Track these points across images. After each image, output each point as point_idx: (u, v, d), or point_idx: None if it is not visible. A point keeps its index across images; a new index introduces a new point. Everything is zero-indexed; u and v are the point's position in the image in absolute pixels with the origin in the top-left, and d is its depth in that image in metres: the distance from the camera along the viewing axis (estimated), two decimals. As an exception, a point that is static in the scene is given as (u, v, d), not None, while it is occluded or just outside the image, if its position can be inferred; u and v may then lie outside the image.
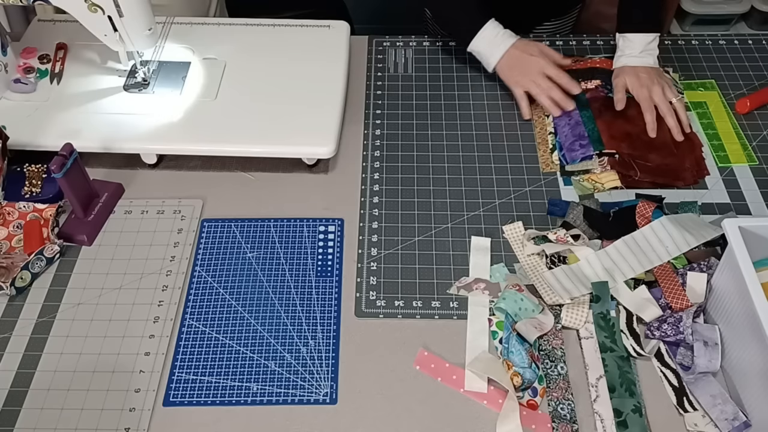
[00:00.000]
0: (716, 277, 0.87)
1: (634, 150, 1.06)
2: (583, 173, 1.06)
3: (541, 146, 1.11)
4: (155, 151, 1.06)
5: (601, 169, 1.06)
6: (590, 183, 1.05)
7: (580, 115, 1.09)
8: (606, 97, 1.13)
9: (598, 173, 1.06)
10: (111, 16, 0.99)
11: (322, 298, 0.93)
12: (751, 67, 1.24)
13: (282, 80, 1.12)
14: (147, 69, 1.12)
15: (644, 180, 1.05)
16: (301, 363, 0.87)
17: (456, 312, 0.92)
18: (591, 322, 0.90)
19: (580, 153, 1.05)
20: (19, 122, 1.05)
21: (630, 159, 1.05)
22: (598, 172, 1.06)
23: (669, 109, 1.09)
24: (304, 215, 1.03)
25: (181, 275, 0.96)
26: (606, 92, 1.13)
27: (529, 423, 0.82)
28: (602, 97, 1.13)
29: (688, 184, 1.05)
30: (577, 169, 1.07)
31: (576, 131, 1.07)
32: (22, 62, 1.14)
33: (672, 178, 1.05)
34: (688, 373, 0.84)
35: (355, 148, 1.12)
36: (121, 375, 0.86)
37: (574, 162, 1.06)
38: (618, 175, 1.05)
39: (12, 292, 0.92)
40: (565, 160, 1.07)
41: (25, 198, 1.02)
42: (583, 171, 1.06)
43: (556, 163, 1.08)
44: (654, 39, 1.14)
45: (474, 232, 1.01)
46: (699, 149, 1.10)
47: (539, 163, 1.09)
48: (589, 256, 0.94)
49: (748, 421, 0.80)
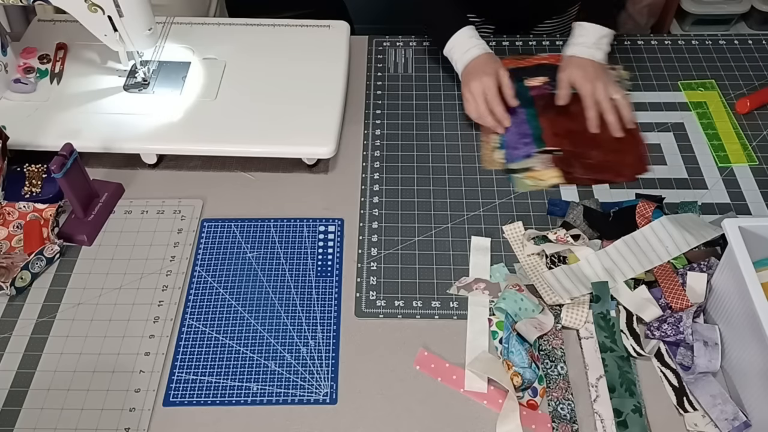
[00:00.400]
0: (716, 277, 0.87)
1: (576, 147, 1.08)
2: (524, 170, 1.07)
3: (485, 144, 1.12)
4: (155, 151, 1.06)
5: (542, 166, 1.07)
6: (532, 180, 1.06)
7: (525, 114, 1.10)
8: (550, 94, 1.14)
9: (539, 170, 1.07)
10: (111, 16, 0.99)
11: (322, 298, 0.93)
12: (751, 67, 1.24)
13: (282, 80, 1.12)
14: (147, 69, 1.12)
15: (585, 177, 1.06)
16: (301, 363, 0.87)
17: (456, 312, 0.92)
18: (591, 322, 0.90)
19: (523, 152, 1.06)
20: (19, 122, 1.05)
21: (571, 156, 1.07)
22: (539, 169, 1.07)
23: (610, 105, 1.09)
24: (304, 215, 1.03)
25: (181, 275, 0.96)
26: (551, 89, 1.14)
27: (529, 423, 0.82)
28: (547, 95, 1.14)
29: (628, 181, 1.06)
30: (518, 166, 1.08)
31: (520, 129, 1.08)
32: (22, 62, 1.14)
33: (613, 174, 1.07)
34: (688, 373, 0.84)
35: (355, 148, 1.12)
36: (121, 375, 0.86)
37: (516, 160, 1.08)
38: (559, 172, 1.06)
39: (12, 292, 0.92)
40: (509, 158, 1.08)
41: (25, 198, 1.02)
42: (525, 168, 1.08)
43: (498, 161, 1.09)
44: (608, 35, 1.14)
45: (474, 232, 1.01)
46: (642, 145, 1.11)
47: (481, 161, 1.10)
48: (589, 256, 0.94)
49: (748, 421, 0.80)
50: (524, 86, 1.16)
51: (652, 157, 1.10)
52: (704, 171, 1.08)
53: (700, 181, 1.07)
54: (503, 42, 1.29)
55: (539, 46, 1.28)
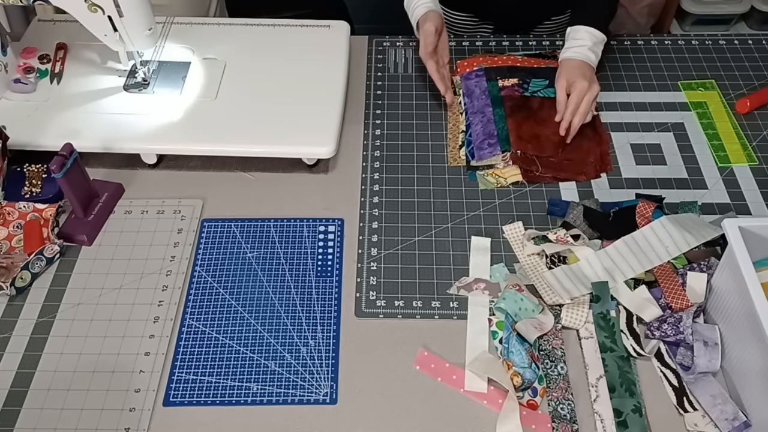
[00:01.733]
0: (716, 277, 0.87)
1: (540, 152, 1.08)
2: (487, 168, 1.08)
3: (451, 142, 1.12)
4: (155, 151, 1.06)
5: (503, 164, 1.07)
6: (494, 177, 1.07)
7: (492, 113, 1.10)
8: (520, 96, 1.14)
9: (501, 168, 1.07)
10: (111, 16, 0.99)
11: (322, 298, 0.93)
12: (751, 67, 1.24)
13: (282, 80, 1.12)
14: (147, 69, 1.12)
15: (546, 175, 1.06)
16: (301, 363, 0.87)
17: (456, 312, 0.92)
18: (591, 322, 0.90)
19: (488, 152, 1.06)
20: (19, 122, 1.05)
21: (531, 155, 1.07)
22: (501, 167, 1.07)
23: (586, 111, 1.08)
24: (304, 215, 1.03)
25: (181, 275, 0.96)
26: (521, 91, 1.14)
27: (529, 423, 0.82)
28: (516, 97, 1.14)
29: (590, 179, 1.07)
30: (481, 164, 1.08)
31: (487, 129, 1.08)
32: (22, 62, 1.14)
33: (574, 172, 1.07)
34: (688, 373, 0.84)
35: (355, 148, 1.12)
36: (121, 375, 0.86)
37: (480, 159, 1.08)
38: (520, 170, 1.06)
39: (12, 292, 0.92)
40: (472, 155, 1.08)
41: (25, 198, 1.02)
42: (488, 166, 1.08)
43: (462, 158, 1.10)
44: (601, 40, 1.14)
45: (474, 232, 1.01)
46: (606, 144, 1.11)
47: (447, 159, 1.10)
48: (589, 256, 0.94)
49: (748, 421, 0.80)
50: (496, 86, 1.15)
51: (652, 157, 1.10)
52: (704, 171, 1.08)
53: (700, 181, 1.07)
54: (503, 42, 1.29)
55: (539, 46, 1.28)
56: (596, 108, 1.15)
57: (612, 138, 1.13)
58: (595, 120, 1.14)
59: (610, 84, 1.21)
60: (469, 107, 1.13)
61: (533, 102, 1.13)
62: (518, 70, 1.18)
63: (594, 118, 1.13)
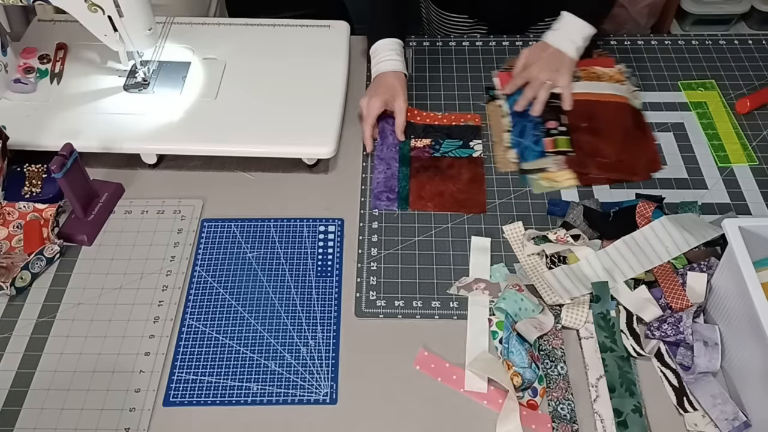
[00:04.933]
0: (716, 277, 0.87)
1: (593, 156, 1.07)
2: (539, 171, 1.07)
3: (498, 145, 1.12)
4: (155, 151, 1.06)
5: (556, 167, 1.06)
6: (547, 181, 1.06)
7: (398, 170, 1.08)
8: (429, 158, 1.10)
9: (554, 171, 1.06)
10: (111, 16, 0.99)
11: (322, 298, 0.93)
12: (751, 67, 1.24)
13: (282, 80, 1.12)
14: (147, 69, 1.12)
15: (599, 177, 1.05)
16: (301, 363, 0.87)
17: (456, 312, 0.92)
18: (591, 322, 0.90)
19: (384, 205, 1.04)
20: (19, 122, 1.05)
21: (584, 156, 1.06)
22: (554, 170, 1.06)
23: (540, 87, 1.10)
24: (304, 215, 1.03)
25: (181, 275, 0.96)
26: (431, 153, 1.10)
27: (529, 423, 0.82)
28: (426, 158, 1.10)
29: (642, 180, 1.06)
30: (533, 167, 1.07)
31: (389, 183, 1.06)
32: (22, 62, 1.14)
33: (627, 173, 1.06)
34: (688, 373, 0.84)
35: (355, 148, 1.12)
36: (121, 375, 0.86)
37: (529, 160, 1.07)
38: (573, 174, 1.06)
39: (12, 292, 0.92)
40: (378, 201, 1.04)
41: (25, 198, 1.02)
42: (540, 169, 1.07)
43: (512, 161, 1.09)
44: (586, 31, 1.13)
45: (474, 232, 1.01)
46: (653, 144, 1.10)
47: (495, 163, 1.09)
48: (589, 256, 0.94)
49: (748, 421, 0.80)
50: (407, 144, 1.11)
51: (652, 157, 1.10)
52: (704, 171, 1.08)
53: (700, 181, 1.07)
54: (503, 42, 1.29)
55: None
56: (642, 107, 1.15)
57: (612, 138, 1.13)
58: (642, 120, 1.13)
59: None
60: (378, 152, 1.10)
61: (442, 162, 1.09)
62: (434, 130, 1.14)
63: (640, 119, 1.13)
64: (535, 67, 1.13)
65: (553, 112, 1.11)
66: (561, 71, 1.12)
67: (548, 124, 1.10)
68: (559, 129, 1.09)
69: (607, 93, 1.14)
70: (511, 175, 1.08)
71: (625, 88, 1.16)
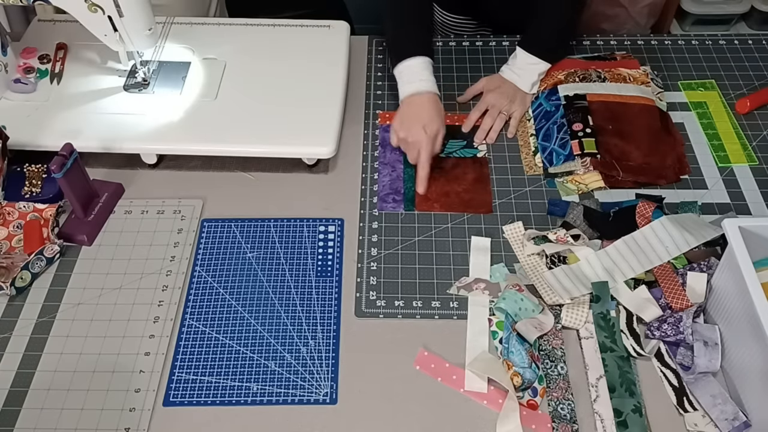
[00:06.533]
0: (716, 277, 0.87)
1: (619, 158, 1.06)
2: (566, 175, 1.06)
3: (524, 149, 1.12)
4: (155, 151, 1.06)
5: (584, 170, 1.06)
6: (574, 184, 1.05)
7: (403, 172, 1.08)
8: (434, 158, 1.06)
9: (581, 174, 1.06)
10: (111, 16, 0.99)
11: (322, 298, 0.93)
12: (751, 67, 1.24)
13: (282, 80, 1.12)
14: (147, 69, 1.12)
15: (627, 179, 1.05)
16: (301, 363, 0.87)
17: (456, 312, 0.92)
18: (591, 322, 0.90)
19: (391, 207, 1.04)
20: (19, 122, 1.05)
21: (612, 159, 1.05)
22: (581, 173, 1.06)
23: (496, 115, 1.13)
24: (304, 215, 1.03)
25: (181, 275, 0.96)
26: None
27: (529, 423, 0.82)
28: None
29: (670, 182, 1.06)
30: (560, 170, 1.07)
31: (395, 185, 1.06)
32: (22, 62, 1.14)
33: (654, 176, 1.06)
34: (688, 373, 0.84)
35: (355, 148, 1.12)
36: (121, 375, 0.86)
37: (557, 163, 1.07)
38: (601, 176, 1.05)
39: (12, 292, 0.92)
40: (384, 203, 1.03)
41: (25, 198, 1.02)
42: (567, 172, 1.06)
43: (539, 165, 1.08)
44: (539, 66, 1.15)
45: (474, 232, 1.01)
46: (681, 146, 1.10)
47: (523, 166, 1.09)
48: (589, 256, 0.94)
49: (748, 421, 0.80)
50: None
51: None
52: (704, 171, 1.08)
53: (700, 181, 1.07)
54: (503, 42, 1.29)
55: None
56: (667, 108, 1.14)
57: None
58: (669, 122, 1.12)
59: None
60: (381, 157, 1.10)
61: (447, 162, 1.09)
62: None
63: (668, 121, 1.12)
64: (491, 95, 1.15)
65: (579, 114, 1.10)
66: (516, 102, 1.15)
67: (574, 126, 1.09)
68: (585, 131, 1.08)
69: (633, 95, 1.12)
70: (511, 175, 1.08)
71: (650, 90, 1.15)
